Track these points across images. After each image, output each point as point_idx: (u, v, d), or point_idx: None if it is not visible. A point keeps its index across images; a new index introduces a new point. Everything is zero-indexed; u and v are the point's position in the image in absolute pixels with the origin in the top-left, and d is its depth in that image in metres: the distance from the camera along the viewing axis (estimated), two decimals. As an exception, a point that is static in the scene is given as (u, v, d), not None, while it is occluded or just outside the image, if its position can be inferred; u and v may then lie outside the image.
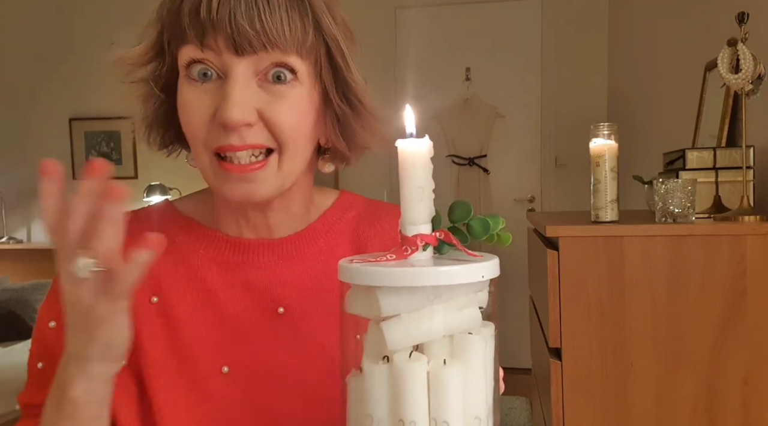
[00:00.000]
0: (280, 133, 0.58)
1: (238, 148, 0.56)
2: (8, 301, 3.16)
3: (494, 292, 0.44)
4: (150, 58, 0.61)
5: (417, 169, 0.42)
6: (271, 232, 0.67)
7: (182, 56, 0.57)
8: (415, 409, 0.39)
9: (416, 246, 0.42)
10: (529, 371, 1.94)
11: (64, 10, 4.05)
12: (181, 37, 0.57)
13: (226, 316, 0.64)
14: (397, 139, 0.42)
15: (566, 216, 1.57)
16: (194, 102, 0.57)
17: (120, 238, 0.44)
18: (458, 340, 0.41)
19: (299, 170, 0.62)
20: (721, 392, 1.10)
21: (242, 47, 0.55)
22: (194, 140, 0.58)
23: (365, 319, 0.43)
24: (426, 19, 3.65)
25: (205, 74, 0.57)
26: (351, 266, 0.41)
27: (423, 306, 0.40)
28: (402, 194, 0.42)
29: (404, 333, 0.40)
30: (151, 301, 0.63)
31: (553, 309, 1.14)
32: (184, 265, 0.65)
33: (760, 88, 1.17)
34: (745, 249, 1.08)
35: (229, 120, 0.54)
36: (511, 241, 0.45)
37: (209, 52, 0.56)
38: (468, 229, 0.44)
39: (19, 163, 4.17)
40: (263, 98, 0.57)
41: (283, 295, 0.65)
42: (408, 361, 0.40)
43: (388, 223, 0.73)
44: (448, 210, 0.45)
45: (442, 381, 0.40)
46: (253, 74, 0.57)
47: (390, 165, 3.69)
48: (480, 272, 0.41)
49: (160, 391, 0.62)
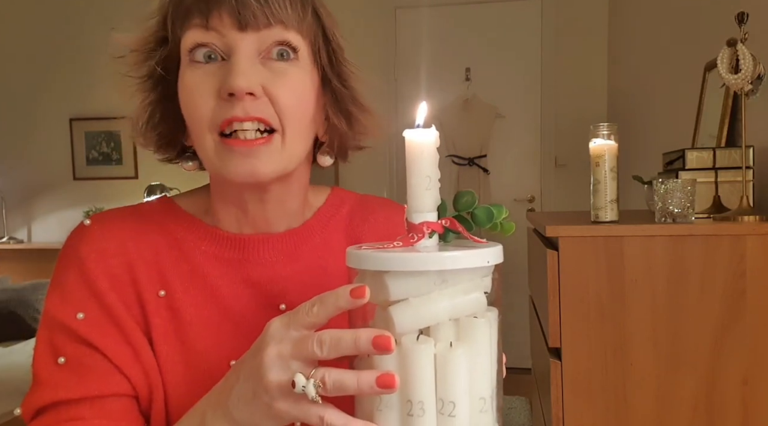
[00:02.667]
0: (282, 109, 0.58)
1: (243, 119, 0.57)
2: (8, 301, 3.16)
3: (498, 278, 0.45)
4: (152, 45, 0.62)
5: (424, 159, 0.43)
6: (269, 225, 0.67)
7: (186, 40, 0.58)
8: (422, 389, 0.41)
9: (423, 233, 0.43)
10: (529, 371, 1.94)
11: (64, 10, 4.05)
12: (185, 18, 0.58)
13: (229, 312, 0.64)
14: (405, 130, 0.43)
15: (566, 216, 1.57)
16: (199, 83, 0.58)
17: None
18: (464, 323, 0.43)
19: (301, 154, 0.63)
20: (721, 392, 1.10)
21: (246, 21, 0.56)
22: (199, 122, 0.58)
23: (371, 305, 0.44)
24: (426, 19, 3.65)
25: (210, 56, 0.58)
26: (360, 252, 0.42)
27: (430, 290, 0.41)
28: (409, 183, 0.43)
29: (412, 316, 0.41)
30: (159, 294, 0.63)
31: (553, 309, 1.15)
32: (187, 261, 0.65)
33: (759, 88, 1.17)
34: (745, 249, 1.08)
35: (235, 87, 0.55)
36: (514, 230, 0.46)
37: (213, 33, 0.57)
38: (472, 217, 0.45)
39: (19, 163, 4.17)
40: (266, 75, 0.58)
41: (284, 291, 0.66)
42: (416, 343, 0.41)
43: (381, 216, 0.74)
44: (453, 199, 0.45)
45: (449, 363, 0.41)
46: (256, 52, 0.58)
47: (390, 163, 3.69)
48: (486, 257, 0.42)
49: (168, 385, 0.62)
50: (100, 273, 0.61)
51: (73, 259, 0.62)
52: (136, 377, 0.60)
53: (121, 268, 0.62)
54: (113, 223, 0.64)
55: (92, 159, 4.12)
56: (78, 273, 0.61)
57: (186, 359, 0.63)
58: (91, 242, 0.62)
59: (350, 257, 0.44)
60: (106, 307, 0.60)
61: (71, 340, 0.59)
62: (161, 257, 0.64)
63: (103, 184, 4.11)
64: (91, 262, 0.61)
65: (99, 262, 0.61)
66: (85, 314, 0.60)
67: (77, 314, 0.59)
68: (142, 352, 0.61)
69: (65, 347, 0.59)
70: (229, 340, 0.64)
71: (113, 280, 0.61)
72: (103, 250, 0.62)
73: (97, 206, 4.04)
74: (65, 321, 0.59)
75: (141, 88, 0.63)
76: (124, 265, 0.62)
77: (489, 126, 3.61)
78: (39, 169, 4.16)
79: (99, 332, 0.59)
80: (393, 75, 3.65)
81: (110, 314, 0.60)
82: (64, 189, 4.16)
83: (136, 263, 0.63)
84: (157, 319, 0.62)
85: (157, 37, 0.62)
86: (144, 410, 0.63)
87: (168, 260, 0.64)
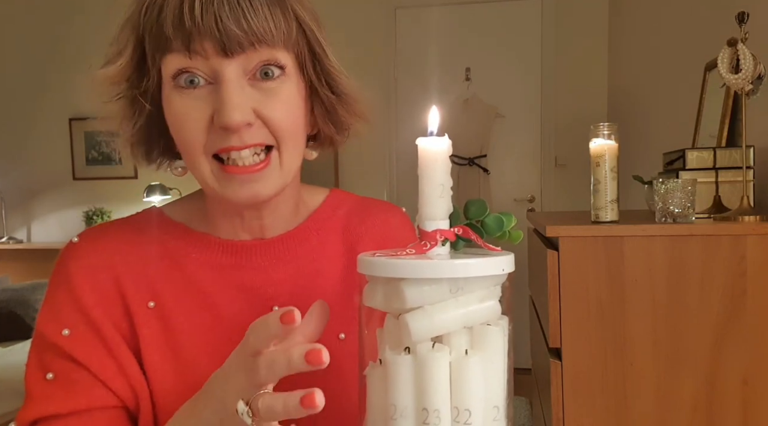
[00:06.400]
0: (277, 129, 0.58)
1: (240, 148, 0.56)
2: (8, 301, 3.16)
3: (509, 286, 0.45)
4: (130, 73, 0.60)
5: (438, 167, 0.43)
6: (264, 232, 0.67)
7: (168, 66, 0.56)
8: (438, 397, 0.41)
9: (435, 241, 0.43)
10: (529, 371, 1.94)
11: (64, 11, 4.05)
12: (165, 47, 0.56)
13: (222, 318, 0.64)
14: (418, 138, 0.43)
15: (566, 216, 1.57)
16: (188, 110, 0.57)
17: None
18: (478, 331, 0.43)
19: (298, 164, 0.63)
20: (721, 392, 1.10)
21: (231, 49, 0.55)
22: (192, 148, 0.58)
23: (380, 312, 0.44)
24: (426, 19, 3.65)
25: (192, 81, 0.56)
26: (375, 259, 0.42)
27: (445, 298, 0.41)
28: (422, 191, 0.43)
29: (428, 324, 0.41)
30: (148, 305, 0.63)
31: (553, 309, 1.14)
32: (179, 269, 0.65)
33: (760, 88, 1.17)
34: (745, 249, 1.08)
35: (231, 122, 0.54)
36: (522, 238, 0.47)
37: (197, 58, 0.55)
38: (483, 225, 0.45)
39: (19, 163, 4.17)
40: (256, 97, 0.57)
41: (277, 294, 0.66)
42: (431, 351, 0.41)
43: (378, 219, 0.74)
44: (463, 207, 0.46)
45: (464, 371, 0.41)
46: (243, 74, 0.57)
47: (390, 163, 3.69)
48: (500, 266, 0.42)
49: (158, 394, 0.62)
50: (87, 289, 0.62)
51: (62, 276, 0.63)
52: (121, 390, 0.61)
53: (108, 283, 0.63)
54: (101, 238, 0.65)
55: (92, 159, 4.12)
56: (66, 290, 0.62)
57: (176, 367, 0.63)
58: (79, 259, 0.63)
59: (363, 264, 0.43)
60: (91, 323, 0.61)
61: (58, 357, 0.61)
62: (151, 268, 0.64)
63: (102, 184, 4.11)
64: (80, 278, 0.62)
65: (86, 278, 0.62)
66: (71, 331, 0.61)
67: (63, 331, 0.61)
68: (126, 365, 0.61)
69: (53, 363, 0.61)
70: (222, 346, 0.63)
71: (100, 294, 0.62)
72: (91, 266, 0.63)
73: (97, 206, 4.04)
74: (52, 338, 0.61)
75: (123, 115, 0.62)
76: (111, 279, 0.63)
77: (489, 126, 3.61)
78: (39, 169, 4.16)
79: (83, 348, 0.60)
80: (393, 75, 3.65)
81: (95, 329, 0.61)
82: (63, 189, 4.16)
83: (124, 276, 0.63)
84: (146, 329, 0.62)
85: (135, 63, 0.59)
86: (134, 419, 0.63)
87: (158, 270, 0.64)
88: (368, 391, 0.44)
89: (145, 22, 0.57)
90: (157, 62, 0.58)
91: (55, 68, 4.05)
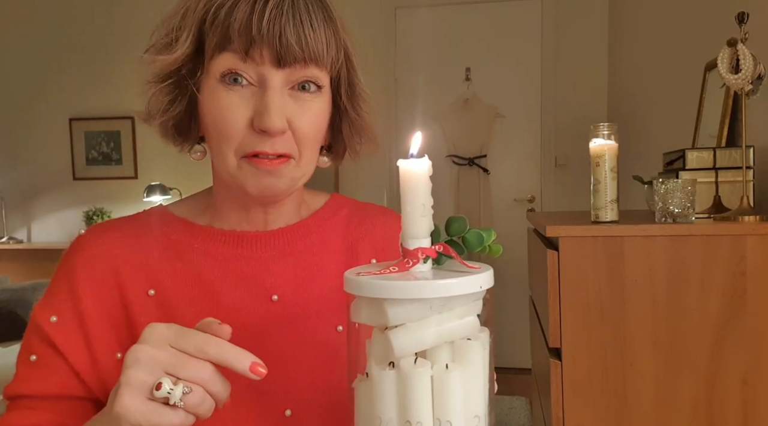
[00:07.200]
0: (302, 139, 0.62)
1: (269, 154, 0.60)
2: (8, 301, 3.16)
3: (489, 299, 0.47)
4: (187, 62, 0.63)
5: (419, 188, 0.45)
6: (267, 225, 0.70)
7: (220, 63, 0.60)
8: (421, 410, 0.43)
9: (417, 259, 0.45)
10: (529, 371, 1.94)
11: (65, 11, 4.05)
12: (223, 46, 0.60)
13: (222, 306, 0.66)
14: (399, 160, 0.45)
15: (566, 216, 1.57)
16: (232, 108, 0.60)
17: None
18: (458, 345, 0.45)
19: (312, 169, 0.67)
20: (721, 392, 1.10)
21: (286, 61, 0.59)
22: (226, 144, 0.61)
23: (368, 327, 0.46)
24: (426, 19, 3.65)
25: (236, 80, 0.60)
26: (359, 279, 0.44)
27: (427, 315, 0.43)
28: (404, 210, 0.45)
29: (410, 340, 0.43)
30: (148, 293, 0.66)
31: (553, 309, 1.14)
32: (181, 260, 0.67)
33: (759, 88, 1.17)
34: (745, 249, 1.08)
35: (272, 127, 0.58)
36: (501, 252, 0.49)
37: (251, 62, 0.59)
38: (464, 241, 0.48)
39: (18, 163, 4.17)
40: (292, 107, 0.61)
41: (276, 284, 0.68)
42: (414, 366, 0.43)
43: (378, 222, 0.77)
44: (445, 224, 0.48)
45: (445, 384, 0.43)
46: (285, 84, 0.61)
47: (390, 168, 3.69)
48: (478, 283, 0.44)
49: None
50: (84, 279, 0.65)
51: (66, 266, 0.67)
52: (93, 383, 0.64)
53: (106, 272, 0.65)
54: (105, 231, 0.68)
55: (92, 159, 4.12)
56: (65, 279, 0.66)
57: None
58: (83, 250, 0.67)
59: (348, 283, 0.45)
60: (78, 313, 0.64)
61: (42, 341, 0.64)
62: (152, 259, 0.67)
63: (102, 184, 4.11)
64: (80, 267, 0.65)
65: (86, 267, 0.65)
66: (58, 318, 0.64)
67: (51, 317, 0.64)
68: (101, 360, 0.64)
69: (37, 346, 0.64)
70: None
71: (96, 284, 0.65)
72: (93, 256, 0.66)
73: (97, 206, 4.04)
74: (41, 322, 0.64)
75: (167, 99, 0.64)
76: (110, 269, 0.66)
77: (489, 126, 3.61)
78: (39, 169, 4.16)
79: (65, 337, 0.63)
80: (393, 75, 3.65)
81: (80, 319, 0.64)
82: (63, 189, 4.16)
83: (124, 266, 0.66)
84: (145, 317, 0.65)
85: (192, 55, 0.62)
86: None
87: (160, 261, 0.67)
88: (356, 403, 0.46)
89: (212, 19, 0.60)
90: (210, 53, 0.61)
91: (55, 68, 4.05)
